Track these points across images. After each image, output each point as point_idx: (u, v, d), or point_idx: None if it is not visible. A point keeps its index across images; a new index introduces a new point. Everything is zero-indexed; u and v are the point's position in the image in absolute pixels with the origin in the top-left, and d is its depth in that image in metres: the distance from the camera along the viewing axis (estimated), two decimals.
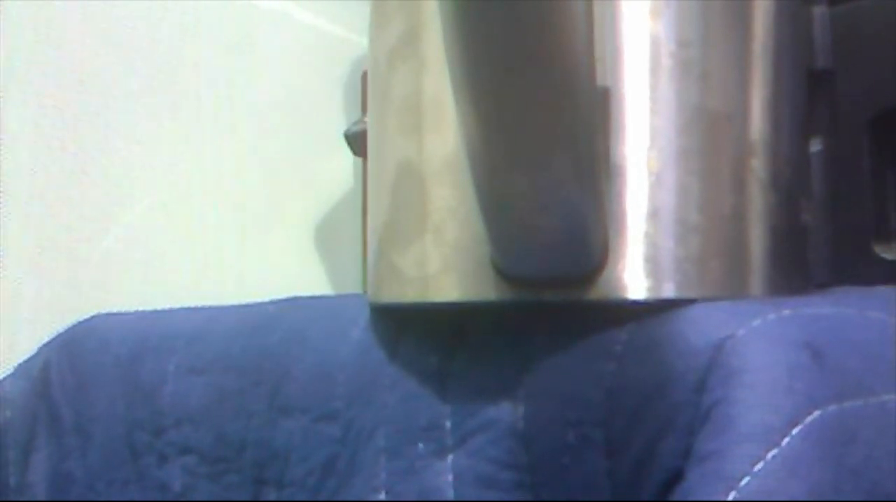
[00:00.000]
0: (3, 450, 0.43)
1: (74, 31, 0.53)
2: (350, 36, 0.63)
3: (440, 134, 0.29)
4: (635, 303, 0.27)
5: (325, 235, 0.63)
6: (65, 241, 0.53)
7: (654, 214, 0.27)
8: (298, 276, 0.62)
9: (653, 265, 0.27)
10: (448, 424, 0.30)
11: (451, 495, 0.29)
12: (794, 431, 0.23)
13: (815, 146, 0.38)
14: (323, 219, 0.64)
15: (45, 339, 0.46)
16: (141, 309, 0.45)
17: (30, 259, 0.52)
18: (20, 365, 0.45)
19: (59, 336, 0.45)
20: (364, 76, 0.58)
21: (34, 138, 0.52)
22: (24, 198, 0.52)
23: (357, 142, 0.56)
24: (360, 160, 0.61)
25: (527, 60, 0.22)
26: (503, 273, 0.28)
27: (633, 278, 0.27)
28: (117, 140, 0.55)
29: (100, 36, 0.54)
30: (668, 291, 0.28)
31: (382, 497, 0.31)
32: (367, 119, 0.34)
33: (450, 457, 0.29)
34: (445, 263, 0.29)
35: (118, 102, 0.55)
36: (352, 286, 0.62)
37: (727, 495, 0.23)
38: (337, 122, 0.61)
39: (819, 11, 0.38)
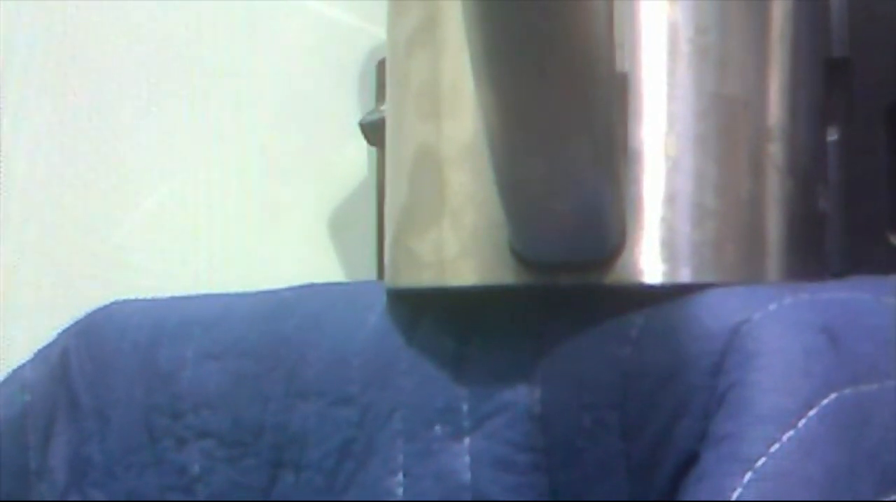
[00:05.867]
0: (24, 434, 0.44)
1: (89, 19, 0.54)
2: (365, 26, 0.63)
3: (458, 119, 0.29)
4: (652, 287, 0.28)
5: (339, 224, 0.64)
6: (81, 231, 0.54)
7: (671, 199, 0.28)
8: (312, 265, 0.62)
9: (669, 250, 0.28)
10: (465, 407, 0.30)
11: (467, 477, 0.29)
12: (810, 413, 0.23)
13: (832, 135, 0.38)
14: (337, 208, 0.64)
15: (64, 326, 0.46)
16: (157, 296, 0.46)
17: (46, 249, 0.52)
18: (39, 351, 0.46)
19: (78, 323, 0.46)
20: (379, 65, 0.59)
21: (47, 130, 0.52)
22: (39, 190, 0.52)
23: (372, 131, 0.56)
24: (374, 149, 0.61)
25: (546, 46, 0.22)
26: (520, 257, 0.28)
27: (650, 262, 0.28)
28: (131, 130, 0.55)
29: (115, 24, 0.55)
30: (685, 276, 0.28)
31: (399, 479, 0.31)
32: (382, 108, 0.34)
33: (466, 440, 0.30)
34: (463, 248, 0.29)
35: (131, 92, 0.55)
36: (365, 275, 0.62)
37: (743, 476, 0.23)
38: (352, 112, 0.61)
39: (836, 0, 0.38)
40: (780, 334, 0.25)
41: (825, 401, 0.24)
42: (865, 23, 0.38)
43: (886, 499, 0.24)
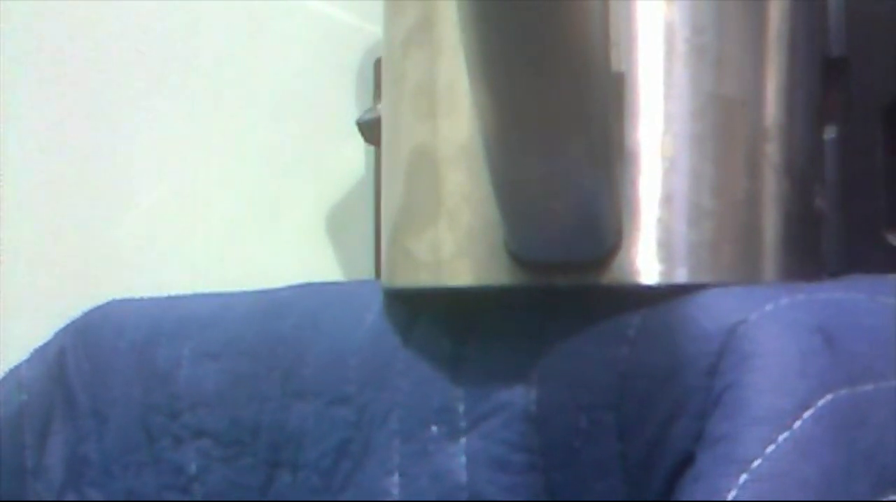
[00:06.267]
0: (21, 433, 0.44)
1: (88, 18, 0.54)
2: (363, 24, 0.63)
3: (454, 119, 0.29)
4: (648, 287, 0.28)
5: (336, 223, 0.64)
6: (78, 230, 0.54)
7: (667, 199, 0.28)
8: (310, 264, 0.62)
9: (666, 250, 0.28)
10: (461, 407, 0.30)
11: (464, 477, 0.29)
12: (806, 414, 0.23)
13: (829, 134, 0.38)
14: (335, 207, 0.64)
15: (60, 325, 0.46)
16: (154, 295, 0.46)
17: (43, 248, 0.52)
18: (36, 350, 0.46)
19: (74, 322, 0.46)
20: (376, 64, 0.58)
21: (45, 126, 0.52)
22: (37, 188, 0.52)
23: (369, 130, 0.56)
24: (371, 148, 0.61)
25: (542, 45, 0.22)
26: (517, 257, 0.28)
27: (647, 263, 0.28)
28: (129, 129, 0.55)
29: (113, 22, 0.55)
30: (681, 276, 0.28)
31: (396, 479, 0.31)
32: (379, 107, 0.34)
33: (463, 440, 0.30)
34: (459, 248, 0.29)
35: (130, 91, 0.55)
36: (363, 274, 0.62)
37: (738, 477, 0.23)
38: (349, 111, 0.61)
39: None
40: (776, 335, 0.25)
41: (821, 402, 0.24)
42: (863, 22, 0.38)
43: (883, 500, 0.24)
